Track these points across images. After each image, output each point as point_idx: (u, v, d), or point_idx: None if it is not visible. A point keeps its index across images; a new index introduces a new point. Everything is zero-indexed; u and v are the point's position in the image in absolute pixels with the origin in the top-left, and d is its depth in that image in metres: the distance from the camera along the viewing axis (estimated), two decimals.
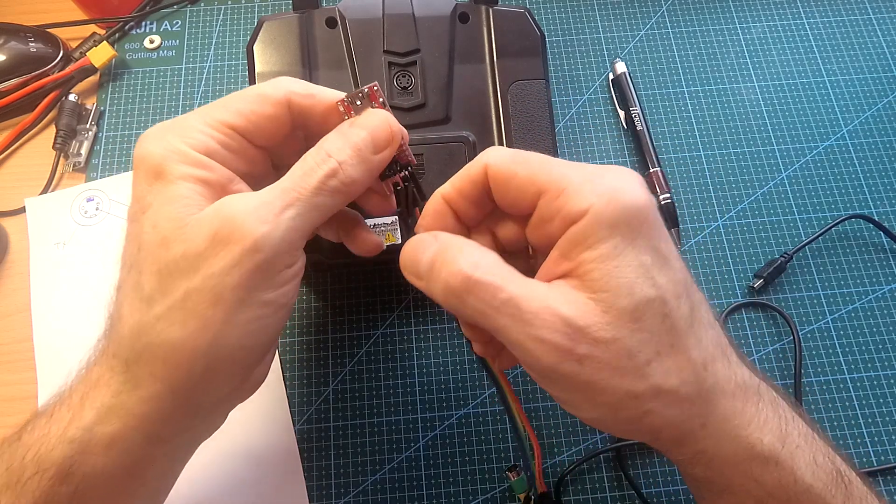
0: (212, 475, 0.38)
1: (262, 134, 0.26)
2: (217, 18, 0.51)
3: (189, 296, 0.23)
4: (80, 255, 0.43)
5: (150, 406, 0.24)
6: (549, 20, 0.51)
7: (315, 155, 0.25)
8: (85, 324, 0.41)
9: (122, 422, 0.24)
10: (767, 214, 0.45)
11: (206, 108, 0.26)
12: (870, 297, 0.43)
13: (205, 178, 0.25)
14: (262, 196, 0.24)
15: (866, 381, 0.41)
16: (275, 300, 0.24)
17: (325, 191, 0.24)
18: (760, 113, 0.48)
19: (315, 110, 0.27)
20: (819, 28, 0.51)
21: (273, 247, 0.23)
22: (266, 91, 0.26)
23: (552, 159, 0.24)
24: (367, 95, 0.26)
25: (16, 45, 0.46)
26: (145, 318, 0.24)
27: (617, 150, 0.47)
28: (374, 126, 0.26)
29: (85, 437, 0.24)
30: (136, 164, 0.25)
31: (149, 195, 0.25)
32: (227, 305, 0.23)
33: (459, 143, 0.38)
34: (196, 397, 0.25)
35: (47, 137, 0.46)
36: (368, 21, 0.40)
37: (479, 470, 0.38)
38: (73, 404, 0.25)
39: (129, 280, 0.25)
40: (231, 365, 0.25)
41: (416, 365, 0.41)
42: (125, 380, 0.24)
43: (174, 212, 0.24)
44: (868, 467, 0.38)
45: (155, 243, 0.24)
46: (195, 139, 0.25)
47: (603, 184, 0.22)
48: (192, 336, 0.23)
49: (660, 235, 0.23)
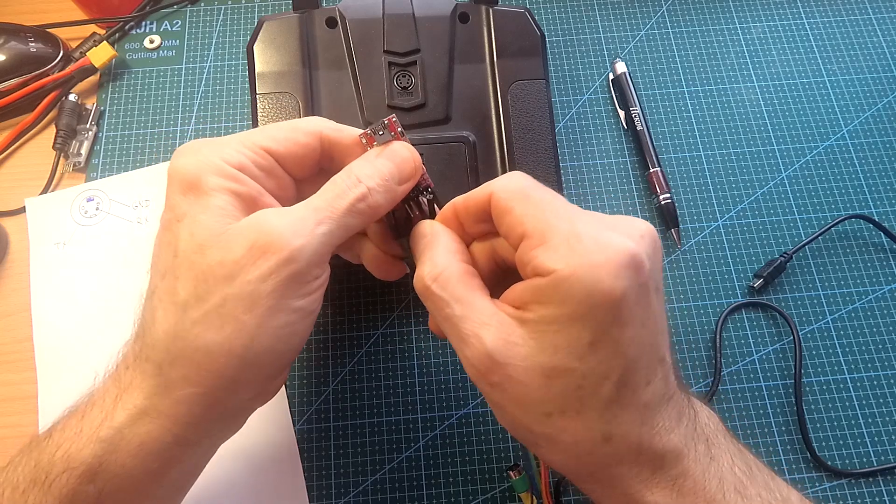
0: (212, 475, 0.38)
1: (293, 160, 0.28)
2: (217, 18, 0.51)
3: (226, 301, 0.24)
4: (80, 255, 0.43)
5: (181, 408, 0.25)
6: (549, 20, 0.51)
7: (346, 178, 0.27)
8: (85, 324, 0.41)
9: (154, 423, 0.25)
10: (767, 214, 0.45)
11: (244, 133, 0.28)
12: (870, 297, 0.43)
13: (237, 190, 0.26)
14: (296, 212, 0.26)
15: (866, 381, 0.41)
16: (304, 307, 0.26)
17: (355, 212, 0.26)
18: (760, 113, 0.48)
19: (342, 143, 0.29)
20: (819, 28, 0.51)
21: (307, 259, 0.25)
22: (300, 123, 0.29)
23: (556, 203, 0.25)
24: (387, 126, 0.28)
25: (16, 45, 0.46)
26: (181, 323, 0.25)
27: (617, 150, 0.47)
28: (400, 160, 0.28)
29: (116, 438, 0.25)
30: (171, 176, 0.27)
31: (183, 204, 0.26)
32: (261, 311, 0.24)
33: (459, 143, 0.38)
34: (225, 400, 0.26)
35: (47, 137, 0.46)
36: (368, 21, 0.40)
37: (479, 470, 0.38)
38: (106, 405, 0.26)
39: (164, 286, 0.25)
40: (261, 369, 0.26)
41: (416, 365, 0.41)
42: (158, 383, 0.25)
43: (210, 221, 0.25)
44: (868, 467, 0.38)
45: (192, 250, 0.25)
46: (230, 155, 0.27)
47: (580, 251, 0.22)
48: (227, 340, 0.24)
49: (612, 321, 0.22)
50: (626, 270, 0.22)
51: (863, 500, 0.38)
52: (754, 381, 0.41)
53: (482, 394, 0.26)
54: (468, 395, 0.40)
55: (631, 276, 0.22)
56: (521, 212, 0.24)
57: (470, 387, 0.40)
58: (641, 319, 0.23)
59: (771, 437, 0.39)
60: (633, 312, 0.23)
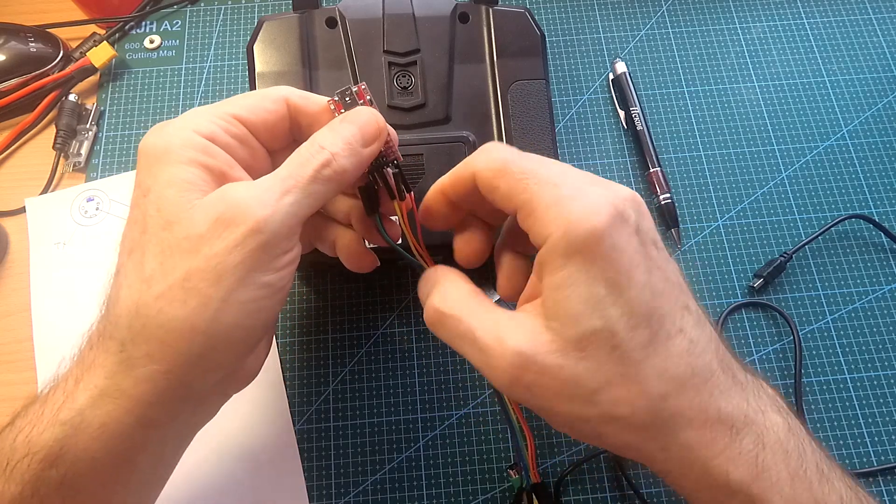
0: (212, 475, 0.38)
1: (264, 127, 0.28)
2: (217, 18, 0.51)
3: (190, 275, 0.24)
4: (80, 255, 0.43)
5: (144, 388, 0.24)
6: (549, 20, 0.51)
7: (309, 147, 0.26)
8: (85, 324, 0.41)
9: (116, 404, 0.24)
10: (767, 214, 0.45)
11: (216, 103, 0.28)
12: (870, 297, 0.43)
13: (206, 163, 0.25)
14: (262, 183, 0.25)
15: (866, 381, 0.41)
16: (273, 283, 0.25)
17: (320, 179, 0.26)
18: (760, 113, 0.48)
19: (309, 109, 0.28)
20: (819, 28, 0.51)
21: (273, 230, 0.24)
22: (268, 91, 0.28)
23: (539, 170, 0.25)
24: (356, 94, 0.28)
25: (16, 45, 0.46)
26: (144, 298, 0.24)
27: (617, 150, 0.47)
28: (363, 122, 0.27)
29: (76, 420, 0.24)
30: (140, 154, 0.26)
31: (149, 179, 0.25)
32: (227, 284, 0.24)
33: (459, 143, 0.38)
34: (191, 379, 0.25)
35: (47, 137, 0.46)
36: (368, 21, 0.40)
37: (479, 470, 0.38)
38: (68, 387, 0.25)
39: (130, 263, 0.25)
40: (228, 345, 0.25)
41: (416, 365, 0.41)
42: (120, 360, 0.24)
43: (177, 196, 0.24)
44: (868, 467, 0.38)
45: (159, 226, 0.24)
46: (200, 125, 0.26)
47: (567, 210, 0.23)
48: (192, 314, 0.24)
49: (616, 265, 0.23)
50: (610, 216, 0.23)
51: None
52: None
53: (527, 408, 0.25)
54: (468, 395, 0.40)
55: (617, 221, 0.23)
56: (506, 187, 0.25)
57: (470, 387, 0.40)
58: (646, 266, 0.23)
59: None
60: (632, 259, 0.23)
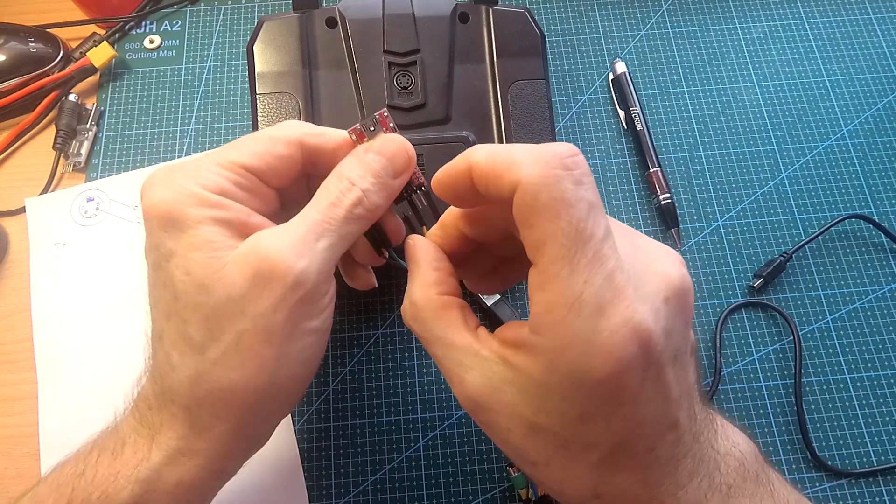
0: None
1: (275, 174, 0.26)
2: (217, 18, 0.51)
3: (241, 338, 0.24)
4: (80, 255, 0.43)
5: (216, 445, 0.25)
6: (549, 20, 0.51)
7: (337, 183, 0.25)
8: (85, 324, 0.41)
9: (192, 462, 0.25)
10: (767, 214, 0.45)
11: (218, 151, 0.26)
12: (870, 297, 0.43)
13: (223, 217, 0.24)
14: (293, 230, 0.24)
15: (866, 381, 0.41)
16: (318, 327, 0.25)
17: (352, 219, 0.25)
18: (760, 113, 0.48)
19: (327, 147, 0.27)
20: (819, 28, 0.51)
21: (313, 280, 0.24)
22: (278, 133, 0.27)
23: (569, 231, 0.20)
24: (378, 122, 0.27)
25: (16, 45, 0.46)
26: (202, 366, 0.24)
27: (617, 150, 0.47)
28: (392, 152, 0.26)
29: (153, 477, 0.25)
30: (147, 212, 0.25)
31: (168, 242, 0.24)
32: (278, 341, 0.24)
33: (459, 143, 0.38)
34: (256, 428, 0.27)
35: (47, 137, 0.46)
36: (368, 21, 0.40)
37: (479, 470, 0.38)
38: (140, 446, 0.26)
39: (172, 329, 0.25)
40: (287, 394, 0.26)
41: (416, 365, 0.41)
42: (189, 424, 0.25)
43: (205, 258, 0.24)
44: (868, 467, 0.38)
45: (193, 291, 0.24)
46: (208, 180, 0.25)
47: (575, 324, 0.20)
48: (251, 376, 0.24)
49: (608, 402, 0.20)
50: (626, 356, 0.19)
51: (863, 500, 0.38)
52: (754, 381, 0.41)
53: None
54: None
55: (634, 359, 0.19)
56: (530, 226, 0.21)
57: None
58: (646, 397, 0.20)
59: (771, 437, 0.39)
60: (634, 394, 0.20)
